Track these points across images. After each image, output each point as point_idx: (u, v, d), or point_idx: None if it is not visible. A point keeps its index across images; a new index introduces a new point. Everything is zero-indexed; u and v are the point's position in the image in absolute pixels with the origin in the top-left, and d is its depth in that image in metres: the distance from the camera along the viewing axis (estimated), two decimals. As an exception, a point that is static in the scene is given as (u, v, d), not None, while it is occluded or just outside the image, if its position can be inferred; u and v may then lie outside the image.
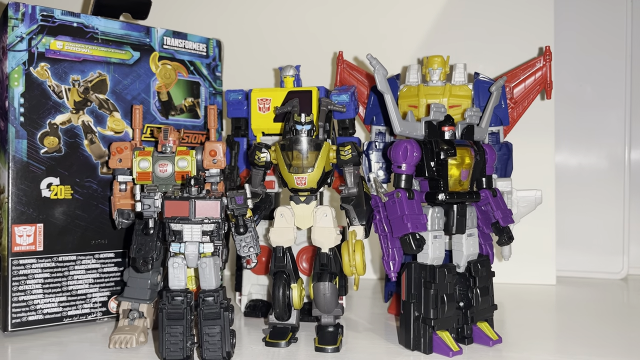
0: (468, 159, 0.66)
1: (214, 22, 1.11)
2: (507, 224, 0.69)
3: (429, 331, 0.63)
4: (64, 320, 0.73)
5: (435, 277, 0.63)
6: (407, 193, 0.64)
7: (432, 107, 0.66)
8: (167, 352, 0.60)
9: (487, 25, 1.03)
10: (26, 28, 0.71)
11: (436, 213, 0.65)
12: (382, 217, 0.67)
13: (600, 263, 1.07)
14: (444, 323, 0.64)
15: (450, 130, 0.66)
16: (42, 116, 0.72)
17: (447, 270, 0.64)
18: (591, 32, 1.08)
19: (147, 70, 0.80)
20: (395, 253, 0.66)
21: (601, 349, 0.66)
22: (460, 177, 0.65)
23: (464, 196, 0.66)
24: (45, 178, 0.72)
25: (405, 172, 0.64)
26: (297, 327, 0.70)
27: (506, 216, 0.70)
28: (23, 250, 0.70)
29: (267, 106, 0.75)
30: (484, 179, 0.71)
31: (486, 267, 0.68)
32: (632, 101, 1.07)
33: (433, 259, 0.64)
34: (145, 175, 0.68)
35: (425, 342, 0.63)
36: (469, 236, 0.67)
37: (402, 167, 0.65)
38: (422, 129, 0.65)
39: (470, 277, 0.67)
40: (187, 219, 0.60)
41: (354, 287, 0.68)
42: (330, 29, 1.08)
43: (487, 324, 0.68)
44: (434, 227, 0.65)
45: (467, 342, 0.66)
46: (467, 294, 0.67)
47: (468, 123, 0.68)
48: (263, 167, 0.70)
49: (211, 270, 0.61)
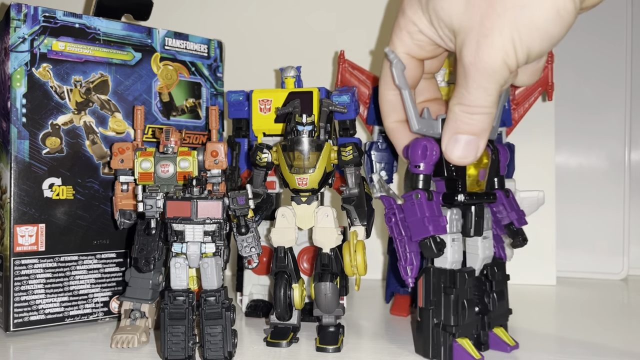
0: (485, 158, 0.64)
1: (215, 23, 1.12)
2: (521, 225, 0.68)
3: (449, 339, 0.60)
4: (66, 320, 0.73)
5: (455, 282, 0.60)
6: (426, 194, 0.61)
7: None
8: (169, 351, 0.60)
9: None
10: (28, 29, 0.71)
11: (454, 215, 0.63)
12: (399, 220, 0.63)
13: (601, 264, 1.07)
14: (465, 330, 0.61)
15: None
16: (44, 117, 0.72)
17: (467, 274, 0.61)
18: (591, 33, 1.08)
19: (148, 71, 0.80)
20: (413, 257, 0.63)
21: (601, 349, 0.66)
22: (478, 177, 0.63)
23: (482, 197, 0.63)
24: (47, 178, 0.72)
25: (423, 171, 0.62)
26: (298, 327, 0.71)
27: (520, 217, 0.68)
28: (25, 251, 0.71)
29: (268, 107, 0.76)
30: (496, 179, 0.69)
31: (502, 271, 0.66)
32: (632, 102, 1.07)
33: (452, 262, 0.62)
34: (147, 175, 0.68)
35: (445, 351, 0.60)
36: (485, 238, 0.64)
37: (420, 167, 0.62)
38: (440, 127, 0.61)
39: (486, 281, 0.65)
40: (189, 219, 0.61)
41: (355, 287, 0.68)
42: (331, 30, 1.08)
43: (502, 329, 0.66)
44: (452, 230, 0.62)
45: (484, 349, 0.64)
46: (483, 298, 0.64)
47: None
48: (264, 168, 0.70)
49: (213, 270, 0.62)
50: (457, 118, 0.59)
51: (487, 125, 0.59)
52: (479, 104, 0.57)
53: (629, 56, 1.07)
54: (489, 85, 0.56)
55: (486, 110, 0.58)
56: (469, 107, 0.58)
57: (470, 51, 0.55)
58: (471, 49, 0.55)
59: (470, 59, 0.55)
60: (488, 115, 0.58)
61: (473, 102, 0.57)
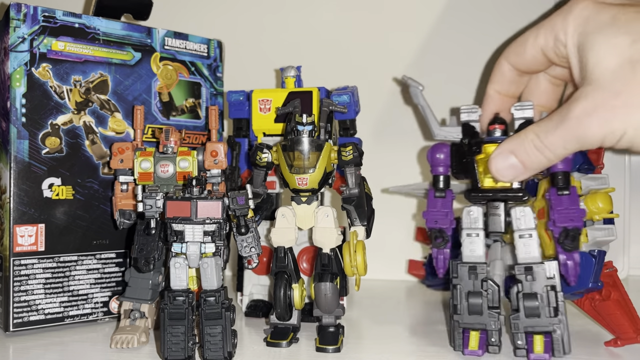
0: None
1: (215, 23, 1.12)
2: (564, 224, 0.62)
3: (456, 327, 0.63)
4: (66, 320, 0.73)
5: (457, 271, 0.64)
6: (434, 192, 0.69)
7: (462, 108, 0.69)
8: (169, 352, 0.60)
9: (487, 26, 1.03)
10: (28, 29, 0.71)
11: (470, 211, 0.65)
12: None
13: (601, 263, 1.07)
14: (470, 322, 0.62)
15: (500, 129, 0.66)
16: (44, 117, 0.72)
17: (469, 267, 0.63)
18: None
19: (148, 71, 0.80)
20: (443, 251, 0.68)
21: (601, 349, 0.66)
22: (490, 174, 0.63)
23: (498, 193, 0.64)
24: (47, 178, 0.72)
25: (433, 172, 0.70)
26: (298, 327, 0.71)
27: (563, 217, 0.62)
28: (25, 251, 0.71)
29: (268, 107, 0.75)
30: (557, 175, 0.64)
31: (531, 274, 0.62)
32: (632, 102, 1.07)
33: (468, 257, 0.64)
34: (146, 175, 0.68)
35: (453, 338, 0.64)
36: (521, 237, 0.63)
37: (432, 168, 0.70)
38: (458, 132, 0.69)
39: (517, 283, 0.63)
40: (189, 219, 0.61)
41: (355, 287, 0.68)
42: (331, 30, 1.08)
43: (541, 337, 0.61)
44: (466, 226, 0.65)
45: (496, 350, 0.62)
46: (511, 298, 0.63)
47: (523, 117, 0.65)
48: (264, 168, 0.70)
49: (213, 270, 0.62)
50: (524, 142, 0.59)
51: (541, 167, 0.60)
52: (552, 149, 0.57)
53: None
54: (573, 145, 0.56)
55: (551, 157, 0.58)
56: (541, 143, 0.58)
57: (585, 107, 0.54)
58: (587, 106, 0.53)
59: (579, 112, 0.54)
60: (549, 161, 0.59)
61: (548, 143, 0.57)
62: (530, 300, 0.61)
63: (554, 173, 0.64)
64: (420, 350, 0.66)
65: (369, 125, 1.04)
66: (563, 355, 0.60)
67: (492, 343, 0.62)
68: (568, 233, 0.61)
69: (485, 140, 0.66)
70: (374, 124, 1.05)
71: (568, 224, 0.61)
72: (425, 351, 0.65)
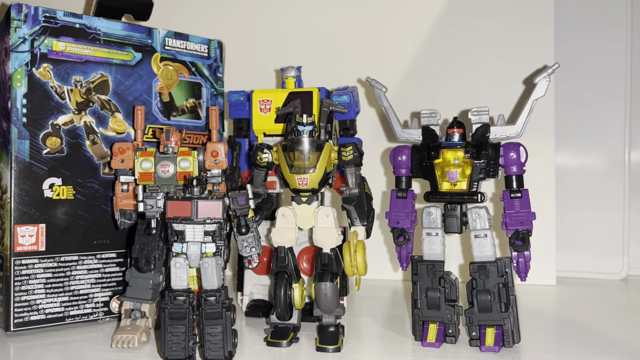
0: (453, 159, 0.67)
1: (216, 23, 1.12)
2: (514, 227, 0.67)
3: (418, 319, 0.68)
4: (66, 320, 0.74)
5: (416, 269, 0.68)
6: (396, 192, 0.71)
7: (422, 112, 0.71)
8: (169, 351, 0.60)
9: (487, 26, 1.03)
10: (29, 29, 0.71)
11: (430, 212, 0.69)
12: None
13: (600, 264, 1.07)
14: (434, 315, 0.67)
15: (459, 132, 0.69)
16: (45, 117, 0.72)
17: (428, 265, 0.68)
18: (591, 32, 1.08)
19: (148, 71, 0.80)
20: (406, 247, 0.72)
21: (601, 349, 0.66)
22: (447, 178, 0.67)
23: (455, 196, 0.68)
24: (48, 178, 0.72)
25: (395, 173, 0.72)
26: (298, 327, 0.71)
27: (513, 221, 0.67)
28: (25, 251, 0.71)
29: (268, 107, 0.76)
30: (511, 178, 0.68)
31: (484, 272, 0.66)
32: (632, 102, 1.07)
33: (427, 254, 0.69)
34: (147, 175, 0.68)
35: (415, 330, 0.69)
36: (476, 237, 0.67)
37: (394, 169, 0.72)
38: (419, 134, 0.71)
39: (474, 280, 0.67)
40: (190, 219, 0.61)
41: (355, 287, 0.69)
42: (331, 30, 1.08)
43: (492, 329, 0.65)
44: (426, 225, 0.69)
45: (453, 341, 0.67)
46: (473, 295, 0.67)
47: (480, 122, 0.69)
48: (265, 168, 0.70)
49: (213, 270, 0.62)
50: None
51: None
52: None
53: (628, 56, 1.07)
54: None
55: None
56: None
57: None
58: None
59: None
60: None
61: None
62: (483, 295, 0.66)
63: (508, 176, 0.68)
64: (421, 350, 0.66)
65: (369, 125, 1.04)
66: (513, 345, 0.65)
67: (449, 334, 0.67)
68: (519, 234, 0.67)
69: (443, 145, 0.68)
70: (374, 124, 1.05)
71: (519, 227, 0.67)
72: (425, 351, 0.65)
